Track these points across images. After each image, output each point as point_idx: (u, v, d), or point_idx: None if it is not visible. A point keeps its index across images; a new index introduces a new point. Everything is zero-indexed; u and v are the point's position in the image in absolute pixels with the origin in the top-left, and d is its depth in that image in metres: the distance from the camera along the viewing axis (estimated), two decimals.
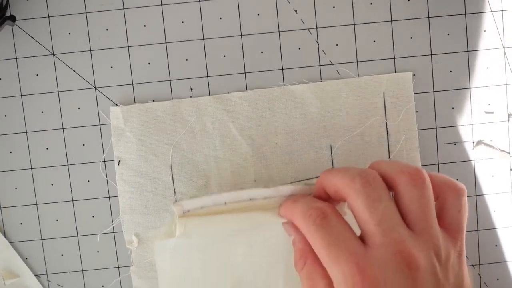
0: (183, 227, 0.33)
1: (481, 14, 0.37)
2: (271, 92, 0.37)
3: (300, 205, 0.30)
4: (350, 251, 0.27)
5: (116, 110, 0.37)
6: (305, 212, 0.29)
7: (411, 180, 0.28)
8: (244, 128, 0.37)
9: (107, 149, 0.38)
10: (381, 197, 0.27)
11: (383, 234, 0.27)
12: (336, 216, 0.28)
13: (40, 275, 0.38)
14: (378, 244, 0.27)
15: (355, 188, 0.28)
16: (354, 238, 0.27)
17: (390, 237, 0.27)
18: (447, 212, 0.29)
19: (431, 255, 0.27)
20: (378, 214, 0.27)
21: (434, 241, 0.27)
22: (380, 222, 0.27)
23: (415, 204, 0.28)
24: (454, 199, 0.29)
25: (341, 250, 0.27)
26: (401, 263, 0.26)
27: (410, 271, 0.26)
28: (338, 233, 0.27)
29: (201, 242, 0.33)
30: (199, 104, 0.37)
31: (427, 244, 0.27)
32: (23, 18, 0.37)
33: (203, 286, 0.34)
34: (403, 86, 0.37)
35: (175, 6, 0.37)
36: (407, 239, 0.27)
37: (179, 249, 0.34)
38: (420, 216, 0.28)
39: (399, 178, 0.28)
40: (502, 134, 0.38)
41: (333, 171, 0.30)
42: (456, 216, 0.29)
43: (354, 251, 0.27)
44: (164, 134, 0.37)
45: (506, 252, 0.39)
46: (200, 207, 0.34)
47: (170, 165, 0.37)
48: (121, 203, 0.37)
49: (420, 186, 0.28)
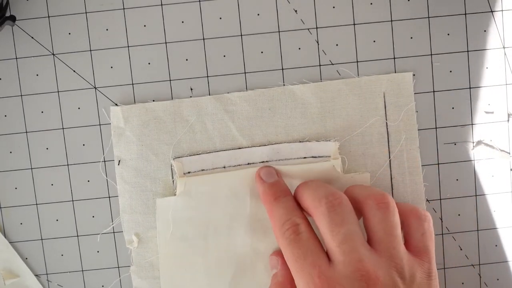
0: (183, 185, 0.36)
1: (481, 14, 0.37)
2: (271, 92, 0.37)
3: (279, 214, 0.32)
4: (314, 264, 0.29)
5: (116, 109, 0.37)
6: (281, 225, 0.32)
7: (376, 204, 0.31)
8: (244, 128, 0.37)
9: (107, 149, 0.38)
10: (343, 221, 0.30)
11: (343, 254, 0.29)
12: (308, 232, 0.31)
13: (40, 275, 0.38)
14: (340, 261, 0.29)
15: (320, 210, 0.31)
16: (321, 253, 0.30)
17: (349, 256, 0.29)
18: (412, 236, 0.32)
19: (392, 273, 0.29)
20: (340, 237, 0.30)
21: (396, 261, 0.30)
22: (341, 244, 0.29)
23: (378, 226, 0.31)
24: (417, 224, 0.32)
25: (306, 263, 0.30)
26: (360, 280, 0.28)
27: (369, 286, 0.28)
28: (307, 248, 0.30)
29: (201, 200, 0.35)
30: (199, 104, 0.37)
31: (388, 262, 0.29)
32: (23, 18, 0.37)
33: (202, 245, 0.37)
34: (403, 86, 0.37)
35: (175, 6, 0.37)
36: (366, 258, 0.29)
37: (180, 207, 0.36)
38: (383, 237, 0.30)
39: (366, 202, 0.31)
40: (502, 134, 0.38)
41: (305, 187, 0.33)
42: (420, 239, 0.32)
43: (319, 264, 0.29)
44: (164, 134, 0.37)
45: (506, 252, 0.39)
46: (200, 170, 0.36)
47: (170, 165, 0.37)
48: (121, 203, 0.37)
49: (384, 209, 0.31)
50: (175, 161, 0.37)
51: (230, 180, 0.36)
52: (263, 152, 0.37)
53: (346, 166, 0.37)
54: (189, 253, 0.37)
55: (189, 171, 0.37)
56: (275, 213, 0.33)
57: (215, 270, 0.37)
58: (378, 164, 0.37)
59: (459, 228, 0.39)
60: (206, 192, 0.36)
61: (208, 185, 0.36)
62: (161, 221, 0.37)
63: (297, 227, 0.31)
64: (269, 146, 0.37)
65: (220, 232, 0.36)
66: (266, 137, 0.37)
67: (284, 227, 0.31)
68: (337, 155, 0.37)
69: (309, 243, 0.30)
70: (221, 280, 0.37)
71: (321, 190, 0.32)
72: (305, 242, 0.30)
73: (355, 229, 0.30)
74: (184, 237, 0.37)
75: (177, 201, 0.36)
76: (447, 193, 0.38)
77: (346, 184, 0.36)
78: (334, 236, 0.30)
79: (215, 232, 0.36)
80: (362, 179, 0.37)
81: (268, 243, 0.36)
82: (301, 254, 0.30)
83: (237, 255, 0.37)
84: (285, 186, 0.35)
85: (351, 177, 0.37)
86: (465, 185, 0.38)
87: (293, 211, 0.32)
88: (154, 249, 0.37)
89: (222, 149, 0.37)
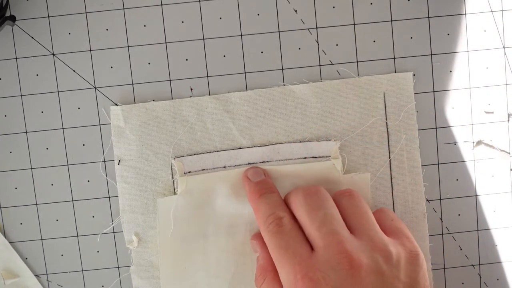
0: (184, 184, 0.36)
1: (481, 14, 0.37)
2: (271, 92, 0.37)
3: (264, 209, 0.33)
4: (295, 254, 0.30)
5: (116, 109, 0.37)
6: (266, 218, 0.32)
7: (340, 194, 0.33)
8: (245, 128, 0.37)
9: (107, 149, 0.38)
10: (320, 206, 0.31)
11: (323, 238, 0.30)
12: (291, 224, 0.31)
13: (40, 275, 0.38)
14: (321, 247, 0.29)
15: (298, 200, 0.32)
16: (303, 243, 0.30)
17: (330, 239, 0.30)
18: (382, 224, 0.32)
19: (375, 256, 0.29)
20: (317, 220, 0.30)
21: (378, 244, 0.30)
22: (319, 227, 0.30)
23: (350, 210, 0.32)
24: (383, 213, 0.34)
25: (287, 254, 0.30)
26: (342, 262, 0.28)
27: (352, 269, 0.28)
28: (288, 238, 0.31)
29: (202, 199, 0.35)
30: (199, 104, 0.37)
31: (370, 245, 0.30)
32: (23, 18, 0.37)
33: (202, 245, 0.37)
34: (403, 86, 0.37)
35: (175, 6, 0.37)
36: (347, 240, 0.29)
37: (181, 207, 0.37)
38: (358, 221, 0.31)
39: (336, 195, 0.33)
40: (502, 134, 0.38)
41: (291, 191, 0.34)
42: (392, 223, 0.33)
43: (299, 254, 0.30)
44: (164, 134, 0.37)
45: (506, 252, 0.39)
46: (200, 169, 0.37)
47: (170, 165, 0.37)
48: (121, 202, 0.37)
49: (349, 197, 0.33)
50: (176, 161, 0.37)
51: (230, 179, 0.36)
52: (264, 152, 0.37)
53: (346, 165, 0.37)
54: (189, 253, 0.37)
55: (189, 171, 0.37)
56: (260, 208, 0.33)
57: (215, 269, 0.37)
58: (378, 164, 0.37)
59: (459, 228, 0.39)
60: (207, 191, 0.36)
61: (209, 184, 0.36)
62: (162, 220, 0.37)
63: (280, 220, 0.32)
64: (269, 146, 0.37)
65: (220, 231, 0.36)
66: (266, 137, 0.37)
67: (268, 220, 0.32)
68: (338, 154, 0.37)
69: (292, 233, 0.31)
70: (221, 280, 0.37)
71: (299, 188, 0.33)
72: (287, 233, 0.31)
73: (333, 212, 0.31)
74: (184, 237, 0.37)
75: (178, 200, 0.36)
76: (447, 193, 0.38)
77: (346, 184, 0.36)
78: (312, 219, 0.31)
79: (215, 231, 0.37)
80: (362, 179, 0.37)
81: None
82: (283, 244, 0.30)
83: (238, 254, 0.37)
84: (271, 184, 0.35)
85: (350, 177, 0.37)
86: (465, 185, 0.38)
87: (277, 206, 0.33)
88: (154, 249, 0.37)
89: (222, 149, 0.37)
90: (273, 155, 0.37)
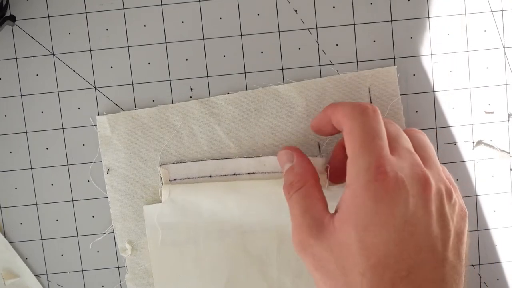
0: (167, 193, 0.36)
1: (481, 14, 0.37)
2: (256, 93, 0.37)
3: (347, 105, 0.31)
4: (382, 147, 0.29)
5: (103, 119, 0.37)
6: (353, 108, 0.30)
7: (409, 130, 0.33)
8: (231, 130, 0.37)
9: None
10: (393, 123, 0.32)
11: (401, 151, 0.30)
12: (376, 115, 0.30)
13: (40, 275, 0.38)
14: (399, 156, 0.29)
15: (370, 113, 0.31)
16: (387, 144, 0.30)
17: (407, 155, 0.29)
18: None
19: (441, 186, 0.29)
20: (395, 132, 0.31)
21: (442, 177, 0.30)
22: (397, 139, 0.30)
23: (422, 142, 0.32)
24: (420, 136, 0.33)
25: (374, 142, 0.29)
26: (419, 178, 0.28)
27: (425, 187, 0.28)
28: (376, 131, 0.30)
29: (187, 207, 0.35)
30: (185, 109, 0.37)
31: (436, 174, 0.30)
32: (23, 18, 0.37)
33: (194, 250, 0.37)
34: (387, 80, 0.37)
35: (175, 6, 0.37)
36: (422, 166, 0.29)
37: (166, 213, 0.36)
38: (427, 153, 0.31)
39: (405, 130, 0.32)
40: (502, 134, 0.38)
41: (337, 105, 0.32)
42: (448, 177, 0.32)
43: (386, 150, 0.29)
44: (151, 141, 0.37)
45: (506, 252, 0.39)
46: (186, 177, 0.36)
47: (159, 171, 0.37)
48: (113, 211, 0.37)
49: (417, 132, 0.33)
50: (161, 168, 0.36)
51: (216, 189, 0.36)
52: (250, 163, 0.36)
53: None
54: (181, 258, 0.36)
55: (175, 178, 0.36)
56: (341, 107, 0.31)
57: (208, 274, 0.36)
58: None
59: None
60: (191, 200, 0.36)
61: (192, 195, 0.36)
62: (149, 227, 0.36)
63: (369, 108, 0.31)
64: (256, 158, 0.36)
65: (211, 237, 0.36)
66: (253, 138, 0.37)
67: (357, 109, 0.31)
68: (323, 170, 0.35)
69: (379, 128, 0.30)
70: (215, 285, 0.36)
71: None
72: (376, 125, 0.30)
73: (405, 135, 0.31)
74: (175, 242, 0.36)
75: (163, 207, 0.36)
76: None
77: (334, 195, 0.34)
78: (391, 130, 0.31)
79: (206, 237, 0.36)
80: None
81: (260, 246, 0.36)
82: (371, 132, 0.29)
83: (230, 258, 0.36)
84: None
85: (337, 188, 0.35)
86: (465, 185, 0.38)
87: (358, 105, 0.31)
88: (148, 255, 0.37)
89: (210, 153, 0.37)
90: (259, 167, 0.36)
